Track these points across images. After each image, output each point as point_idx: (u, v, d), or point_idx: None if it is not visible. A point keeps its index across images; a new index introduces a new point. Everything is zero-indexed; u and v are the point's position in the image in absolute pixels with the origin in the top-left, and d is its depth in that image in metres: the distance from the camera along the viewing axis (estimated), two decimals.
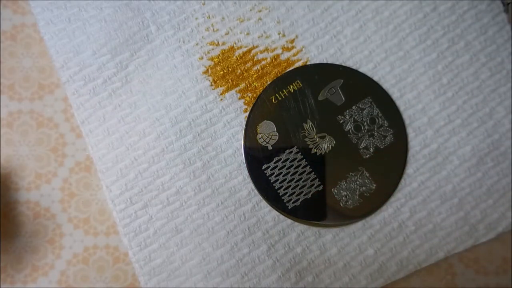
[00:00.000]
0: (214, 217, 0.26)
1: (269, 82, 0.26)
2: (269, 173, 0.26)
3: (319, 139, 0.26)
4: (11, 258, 0.26)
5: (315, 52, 0.27)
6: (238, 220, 0.26)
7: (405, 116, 0.26)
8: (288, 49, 0.27)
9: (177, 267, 0.25)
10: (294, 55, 0.27)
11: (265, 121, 0.26)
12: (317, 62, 0.27)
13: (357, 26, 0.27)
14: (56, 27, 0.27)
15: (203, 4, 0.27)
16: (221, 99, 0.27)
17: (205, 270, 0.25)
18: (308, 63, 0.27)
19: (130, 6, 0.27)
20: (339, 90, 0.26)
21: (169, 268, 0.25)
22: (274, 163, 0.26)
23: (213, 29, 0.27)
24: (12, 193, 0.27)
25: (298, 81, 0.26)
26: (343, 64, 0.27)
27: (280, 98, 0.26)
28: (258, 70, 0.27)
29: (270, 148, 0.26)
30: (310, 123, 0.26)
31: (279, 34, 0.27)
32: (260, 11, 0.27)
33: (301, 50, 0.27)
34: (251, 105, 0.26)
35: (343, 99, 0.26)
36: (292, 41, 0.27)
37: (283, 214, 0.26)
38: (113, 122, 0.26)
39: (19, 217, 0.26)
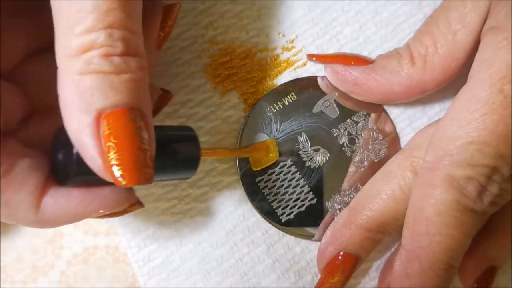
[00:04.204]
0: (214, 217, 0.26)
1: (264, 95, 0.26)
2: (263, 186, 0.25)
3: (313, 152, 0.26)
4: (11, 258, 0.26)
5: (315, 52, 0.27)
6: (238, 220, 0.26)
7: (399, 128, 0.26)
8: (288, 49, 0.27)
9: (177, 267, 0.26)
10: (294, 55, 0.27)
11: (260, 133, 0.26)
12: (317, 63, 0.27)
13: (357, 26, 0.27)
14: None
15: (203, 3, 0.27)
16: (220, 99, 0.27)
17: (204, 270, 0.25)
18: (308, 63, 0.27)
19: None
20: (334, 103, 0.26)
21: (168, 268, 0.25)
22: (268, 175, 0.26)
23: (213, 29, 0.27)
24: None
25: (293, 94, 0.26)
26: None
27: (274, 111, 0.26)
28: (258, 70, 0.27)
29: None
30: (305, 136, 0.26)
31: (279, 34, 0.27)
32: (260, 11, 0.27)
33: (301, 50, 0.27)
34: (251, 106, 0.26)
35: (338, 112, 0.26)
36: (292, 41, 0.27)
37: (276, 227, 0.26)
38: None
39: None
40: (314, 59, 0.26)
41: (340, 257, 0.24)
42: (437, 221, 0.21)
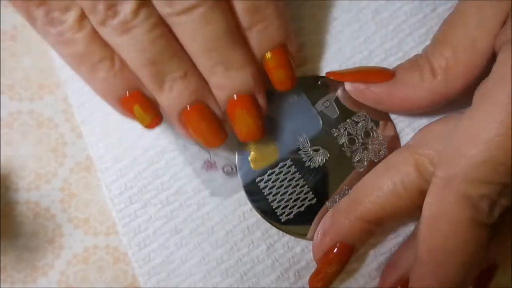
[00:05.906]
0: (214, 217, 0.26)
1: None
2: (263, 186, 0.25)
3: (313, 152, 0.26)
4: (11, 258, 0.26)
5: (315, 52, 0.27)
6: (238, 220, 0.26)
7: (399, 128, 0.26)
8: None
9: (177, 266, 0.26)
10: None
11: None
12: (317, 62, 0.27)
13: (357, 26, 0.27)
14: None
15: None
16: None
17: (204, 270, 0.26)
18: (308, 63, 0.27)
19: None
20: (334, 103, 0.26)
21: (168, 268, 0.26)
22: (268, 175, 0.26)
23: None
24: (12, 193, 0.27)
25: (293, 94, 0.26)
26: (343, 65, 0.26)
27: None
28: None
29: None
30: (305, 136, 0.26)
31: None
32: None
33: (301, 50, 0.27)
34: None
35: (338, 112, 0.26)
36: None
37: (276, 227, 0.26)
38: (113, 122, 0.26)
39: (19, 217, 0.27)
40: (332, 78, 0.26)
41: (336, 248, 0.24)
42: (453, 239, 0.21)
